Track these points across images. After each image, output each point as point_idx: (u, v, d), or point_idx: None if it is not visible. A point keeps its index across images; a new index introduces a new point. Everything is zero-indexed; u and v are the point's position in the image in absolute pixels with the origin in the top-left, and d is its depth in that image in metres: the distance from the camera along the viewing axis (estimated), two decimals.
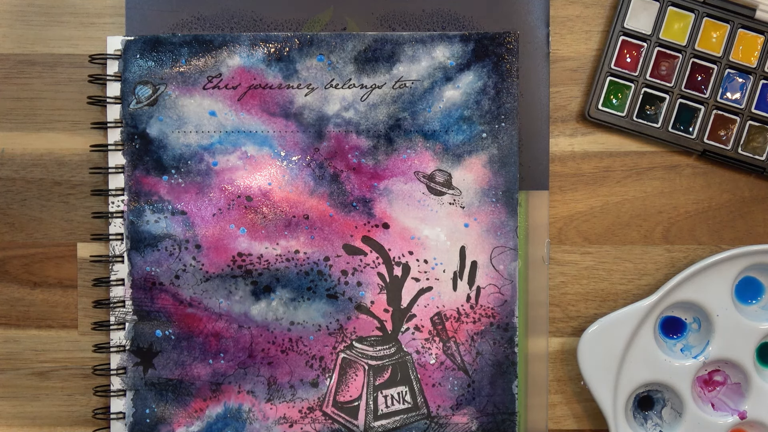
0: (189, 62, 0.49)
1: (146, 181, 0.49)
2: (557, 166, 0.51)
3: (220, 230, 0.49)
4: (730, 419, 0.49)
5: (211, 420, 0.50)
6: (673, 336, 0.51)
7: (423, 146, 0.49)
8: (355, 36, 0.49)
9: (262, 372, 0.49)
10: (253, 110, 0.49)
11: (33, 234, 0.51)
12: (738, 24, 0.49)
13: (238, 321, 0.49)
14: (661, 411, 0.51)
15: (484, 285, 0.49)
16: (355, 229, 0.49)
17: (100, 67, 0.50)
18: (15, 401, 0.51)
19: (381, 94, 0.49)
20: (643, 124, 0.50)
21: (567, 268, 0.51)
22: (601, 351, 0.48)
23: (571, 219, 0.51)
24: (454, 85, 0.49)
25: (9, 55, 0.50)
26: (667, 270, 0.51)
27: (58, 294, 0.51)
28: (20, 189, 0.51)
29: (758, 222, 0.51)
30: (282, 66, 0.49)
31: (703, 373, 0.51)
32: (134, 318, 0.49)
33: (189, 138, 0.49)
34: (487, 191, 0.49)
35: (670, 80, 0.50)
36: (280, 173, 0.49)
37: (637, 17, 0.50)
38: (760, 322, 0.49)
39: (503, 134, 0.49)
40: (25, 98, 0.50)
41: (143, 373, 0.49)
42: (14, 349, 0.51)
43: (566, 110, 0.51)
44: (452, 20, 0.50)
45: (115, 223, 0.49)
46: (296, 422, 0.50)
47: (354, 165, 0.49)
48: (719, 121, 0.50)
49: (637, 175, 0.51)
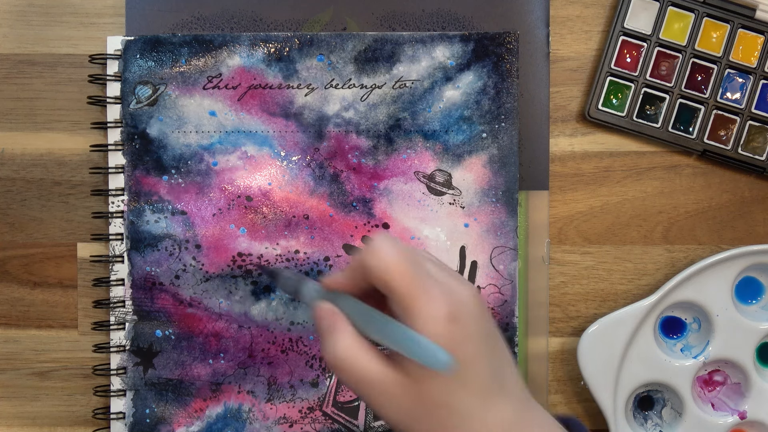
0: (189, 62, 0.49)
1: (146, 181, 0.49)
2: (557, 166, 0.51)
3: (220, 230, 0.49)
4: (730, 419, 0.49)
5: (211, 420, 0.50)
6: (673, 336, 0.51)
7: (423, 146, 0.49)
8: (355, 36, 0.49)
9: (262, 372, 0.49)
10: (253, 110, 0.49)
11: (33, 234, 0.51)
12: (738, 24, 0.49)
13: (238, 321, 0.49)
14: (661, 411, 0.51)
15: (484, 285, 0.49)
16: (355, 229, 0.49)
17: (100, 67, 0.50)
18: (15, 401, 0.51)
19: (381, 94, 0.49)
20: (643, 124, 0.50)
21: (567, 268, 0.51)
22: (601, 351, 0.48)
23: (571, 219, 0.51)
24: (454, 85, 0.49)
25: (9, 55, 0.50)
26: (667, 270, 0.51)
27: (58, 294, 0.51)
28: (20, 189, 0.51)
29: (758, 222, 0.51)
30: (282, 66, 0.49)
31: (703, 373, 0.51)
32: (134, 318, 0.49)
33: (189, 138, 0.49)
34: (487, 191, 0.49)
35: (670, 80, 0.50)
36: (280, 173, 0.49)
37: (637, 17, 0.50)
38: (760, 322, 0.49)
39: (503, 134, 0.49)
40: (25, 98, 0.50)
41: (143, 373, 0.49)
42: (14, 349, 0.51)
43: (566, 110, 0.51)
44: (452, 20, 0.50)
45: (115, 223, 0.49)
46: (296, 422, 0.50)
47: (354, 165, 0.49)
48: (719, 121, 0.50)
49: (637, 175, 0.51)
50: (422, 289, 0.33)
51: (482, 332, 0.34)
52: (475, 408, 0.33)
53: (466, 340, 0.33)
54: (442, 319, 0.32)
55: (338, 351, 0.34)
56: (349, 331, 0.34)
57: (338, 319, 0.35)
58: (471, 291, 0.34)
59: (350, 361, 0.34)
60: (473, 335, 0.33)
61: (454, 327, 0.33)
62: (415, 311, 0.32)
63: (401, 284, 0.33)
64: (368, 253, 0.34)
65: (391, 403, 0.34)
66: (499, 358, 0.35)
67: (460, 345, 0.33)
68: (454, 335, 0.32)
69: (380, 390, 0.34)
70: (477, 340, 0.33)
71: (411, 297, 0.32)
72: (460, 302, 0.33)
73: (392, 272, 0.33)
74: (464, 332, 0.33)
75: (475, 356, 0.33)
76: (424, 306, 0.32)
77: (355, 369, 0.34)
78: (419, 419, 0.34)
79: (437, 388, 0.33)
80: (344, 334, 0.34)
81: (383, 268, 0.33)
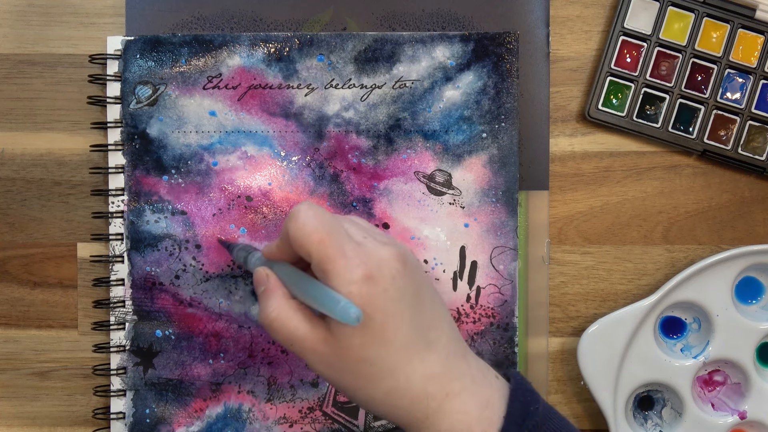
0: (189, 62, 0.49)
1: (146, 181, 0.49)
2: (557, 166, 0.51)
3: (220, 230, 0.49)
4: (730, 419, 0.49)
5: (211, 420, 0.50)
6: (673, 336, 0.51)
7: (423, 146, 0.49)
8: (355, 36, 0.49)
9: (262, 372, 0.49)
10: (253, 110, 0.49)
11: (33, 234, 0.51)
12: (738, 24, 0.49)
13: (238, 321, 0.49)
14: (661, 411, 0.51)
15: (484, 285, 0.49)
16: None
17: (100, 67, 0.50)
18: (15, 401, 0.51)
19: (381, 94, 0.49)
20: (643, 124, 0.50)
21: (567, 268, 0.51)
22: (601, 351, 0.48)
23: (571, 219, 0.51)
24: (454, 85, 0.49)
25: (9, 55, 0.50)
26: (667, 270, 0.51)
27: (58, 294, 0.51)
28: (20, 189, 0.51)
29: (758, 222, 0.51)
30: (282, 66, 0.49)
31: (703, 373, 0.51)
32: (134, 318, 0.49)
33: (189, 138, 0.49)
34: (487, 191, 0.49)
35: (670, 80, 0.50)
36: (280, 173, 0.49)
37: (637, 17, 0.50)
38: (760, 322, 0.49)
39: (503, 134, 0.49)
40: (25, 98, 0.50)
41: (143, 373, 0.49)
42: (14, 349, 0.51)
43: (566, 110, 0.51)
44: (452, 20, 0.50)
45: (115, 223, 0.49)
46: (296, 422, 0.50)
47: (354, 165, 0.49)
48: (719, 121, 0.50)
49: (637, 175, 0.51)
50: (339, 252, 0.35)
51: (403, 291, 0.36)
52: (398, 362, 0.35)
53: (383, 298, 0.35)
54: (357, 280, 0.34)
55: (269, 311, 0.37)
56: (280, 294, 0.37)
57: (272, 282, 0.38)
58: (393, 251, 0.36)
59: (280, 320, 0.36)
60: (391, 294, 0.35)
61: (370, 287, 0.34)
62: (332, 273, 0.35)
63: (318, 248, 0.35)
64: (288, 221, 0.36)
65: (319, 359, 0.36)
66: (425, 315, 0.37)
67: (376, 303, 0.35)
68: (370, 294, 0.34)
69: (308, 347, 0.36)
70: (396, 299, 0.35)
71: (327, 260, 0.35)
72: (378, 263, 0.35)
73: (309, 238, 0.35)
74: (380, 291, 0.35)
75: (394, 313, 0.35)
76: (341, 268, 0.35)
77: (284, 328, 0.36)
78: (345, 373, 0.36)
79: (357, 344, 0.35)
80: (275, 295, 0.37)
81: (301, 235, 0.35)
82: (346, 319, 0.33)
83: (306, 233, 0.35)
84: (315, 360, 0.36)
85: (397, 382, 0.36)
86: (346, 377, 0.36)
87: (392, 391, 0.36)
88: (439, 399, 0.36)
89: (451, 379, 0.36)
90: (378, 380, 0.36)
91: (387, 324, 0.35)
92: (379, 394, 0.36)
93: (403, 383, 0.36)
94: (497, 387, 0.38)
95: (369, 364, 0.35)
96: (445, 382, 0.36)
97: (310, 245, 0.35)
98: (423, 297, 0.37)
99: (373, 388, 0.36)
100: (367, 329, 0.35)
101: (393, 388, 0.36)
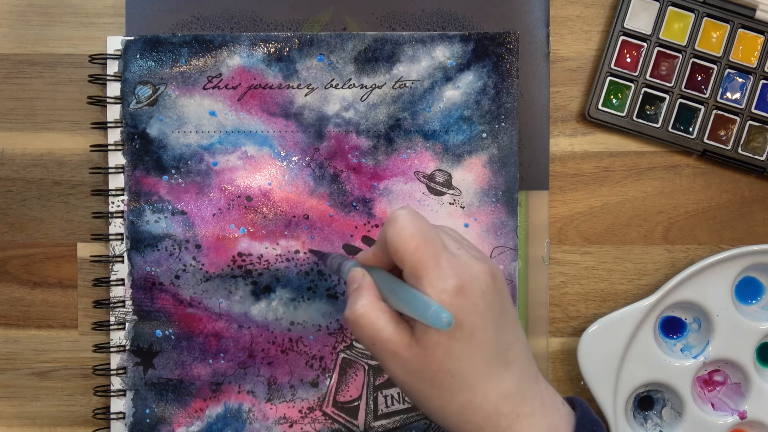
0: (189, 62, 0.49)
1: (146, 181, 0.49)
2: (557, 166, 0.51)
3: (220, 230, 0.49)
4: (730, 419, 0.49)
5: (211, 420, 0.50)
6: (673, 336, 0.51)
7: (423, 146, 0.49)
8: (355, 36, 0.49)
9: (262, 372, 0.49)
10: (253, 110, 0.49)
11: (33, 234, 0.51)
12: (738, 24, 0.49)
13: (238, 321, 0.49)
14: (661, 411, 0.51)
15: None
16: (355, 229, 0.49)
17: (100, 67, 0.50)
18: (15, 401, 0.51)
19: (381, 94, 0.49)
20: (643, 124, 0.50)
21: (567, 268, 0.51)
22: (601, 351, 0.48)
23: (571, 219, 0.51)
24: (454, 85, 0.49)
25: (9, 55, 0.50)
26: (667, 270, 0.51)
27: (58, 294, 0.51)
28: (20, 189, 0.51)
29: (758, 222, 0.51)
30: (282, 66, 0.49)
31: (703, 373, 0.51)
32: (134, 318, 0.49)
33: (189, 138, 0.49)
34: (487, 191, 0.49)
35: (670, 80, 0.50)
36: (280, 173, 0.49)
37: (637, 17, 0.50)
38: (760, 322, 0.49)
39: (503, 134, 0.49)
40: (25, 98, 0.50)
41: (143, 373, 0.49)
42: (14, 349, 0.51)
43: (566, 110, 0.51)
44: (452, 20, 0.50)
45: (115, 223, 0.49)
46: (296, 422, 0.50)
47: (354, 165, 0.49)
48: (719, 121, 0.50)
49: (637, 175, 0.51)
50: (434, 260, 0.34)
51: (490, 307, 0.35)
52: (478, 377, 0.35)
53: (472, 311, 0.34)
54: (449, 289, 0.34)
55: (357, 308, 0.36)
56: (371, 293, 0.37)
57: (365, 281, 0.38)
58: (485, 267, 0.36)
59: (367, 317, 0.36)
60: (480, 308, 0.35)
61: (461, 298, 0.34)
62: (426, 280, 0.34)
63: (414, 255, 0.35)
64: (387, 225, 0.36)
65: (399, 364, 0.35)
66: (507, 334, 0.36)
67: (466, 316, 0.34)
68: (461, 305, 0.34)
69: (390, 350, 0.35)
70: (484, 314, 0.35)
71: (422, 267, 0.34)
72: (471, 276, 0.35)
73: (407, 244, 0.35)
74: (470, 304, 0.34)
75: (481, 328, 0.35)
76: (435, 277, 0.34)
77: (370, 326, 0.36)
78: (423, 381, 0.35)
79: (442, 354, 0.34)
80: (366, 294, 0.37)
81: (398, 240, 0.35)
82: (438, 323, 0.33)
83: (403, 239, 0.35)
84: (395, 365, 0.36)
85: (474, 396, 0.35)
86: (423, 385, 0.36)
87: (467, 405, 0.35)
88: (511, 419, 0.36)
89: (524, 401, 0.36)
90: (455, 393, 0.35)
91: (474, 337, 0.34)
92: (453, 406, 0.36)
93: (480, 399, 0.35)
94: (564, 413, 0.37)
95: (450, 375, 0.35)
96: (517, 402, 0.36)
97: (405, 251, 0.35)
98: (507, 315, 0.37)
99: (449, 400, 0.35)
100: (454, 340, 0.34)
101: (468, 402, 0.35)
